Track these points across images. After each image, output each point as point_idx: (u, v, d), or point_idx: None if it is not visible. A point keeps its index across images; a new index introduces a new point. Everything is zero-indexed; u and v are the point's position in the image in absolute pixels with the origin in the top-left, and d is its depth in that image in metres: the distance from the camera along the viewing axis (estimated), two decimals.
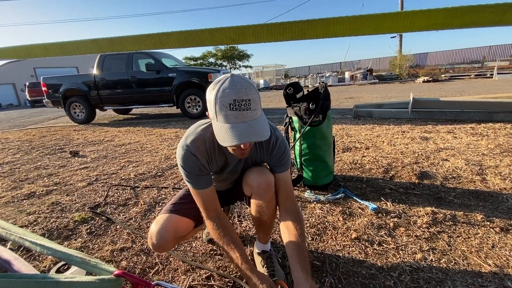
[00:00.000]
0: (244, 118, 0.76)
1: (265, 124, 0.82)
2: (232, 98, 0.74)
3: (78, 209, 1.89)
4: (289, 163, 1.04)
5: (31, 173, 2.76)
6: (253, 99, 0.77)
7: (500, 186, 1.79)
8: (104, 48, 0.46)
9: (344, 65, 23.61)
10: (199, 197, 0.98)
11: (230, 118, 0.76)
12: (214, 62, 25.47)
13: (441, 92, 8.11)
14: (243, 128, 0.76)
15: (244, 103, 0.75)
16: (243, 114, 0.76)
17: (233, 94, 0.74)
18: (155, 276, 1.19)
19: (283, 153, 1.01)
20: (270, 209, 1.04)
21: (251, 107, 0.76)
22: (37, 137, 4.89)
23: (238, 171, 1.09)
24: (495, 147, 2.53)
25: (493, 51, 19.20)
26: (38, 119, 8.73)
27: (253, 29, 0.37)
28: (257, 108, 0.79)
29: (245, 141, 0.75)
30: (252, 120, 0.78)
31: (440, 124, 3.67)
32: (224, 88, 0.75)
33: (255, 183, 1.00)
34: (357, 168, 2.29)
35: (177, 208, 1.09)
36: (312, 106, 1.82)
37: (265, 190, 1.00)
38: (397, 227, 1.42)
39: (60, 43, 0.47)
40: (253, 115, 0.78)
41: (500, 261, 1.15)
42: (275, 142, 1.01)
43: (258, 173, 1.01)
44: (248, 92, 0.76)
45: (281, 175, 1.03)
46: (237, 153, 0.89)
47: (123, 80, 5.98)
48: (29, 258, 1.37)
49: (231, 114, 0.75)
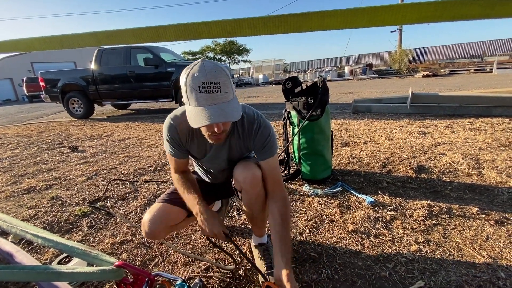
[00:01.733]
0: (214, 101, 0.78)
1: (236, 107, 0.83)
2: (201, 80, 0.76)
3: (78, 203, 1.91)
4: (274, 149, 1.02)
5: (31, 168, 2.77)
6: (222, 81, 0.78)
7: (496, 180, 1.81)
8: (103, 41, 0.46)
9: (344, 60, 23.51)
10: (173, 161, 1.07)
11: (200, 100, 0.78)
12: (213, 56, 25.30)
13: (440, 87, 8.11)
14: (213, 110, 0.77)
15: (213, 85, 0.76)
16: (212, 96, 0.77)
17: (202, 77, 0.76)
18: (155, 268, 1.21)
19: (266, 138, 1.00)
20: (259, 202, 1.05)
21: (220, 90, 0.78)
22: (36, 132, 4.88)
23: (224, 158, 1.09)
24: (492, 142, 2.55)
25: (493, 45, 19.13)
26: (36, 114, 8.70)
27: (249, 21, 0.37)
28: (227, 91, 0.80)
29: (213, 122, 0.77)
30: (223, 103, 0.79)
31: (438, 118, 3.69)
32: (193, 72, 0.77)
33: (241, 178, 1.01)
34: (355, 163, 2.31)
35: (171, 198, 1.10)
36: (310, 100, 1.82)
37: (251, 185, 1.00)
38: (394, 220, 1.45)
39: (59, 36, 0.47)
40: (223, 97, 0.79)
41: (494, 252, 1.17)
42: (257, 127, 1.00)
43: (244, 168, 1.02)
44: (217, 75, 0.77)
45: (265, 162, 1.02)
46: (213, 139, 0.91)
47: (121, 75, 5.94)
48: (30, 251, 1.38)
49: (201, 96, 0.77)
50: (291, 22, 0.36)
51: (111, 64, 6.00)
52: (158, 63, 5.75)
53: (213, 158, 1.09)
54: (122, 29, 0.44)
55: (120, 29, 0.44)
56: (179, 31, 0.41)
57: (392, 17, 0.32)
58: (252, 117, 1.01)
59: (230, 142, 1.04)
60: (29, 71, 22.48)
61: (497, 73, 12.39)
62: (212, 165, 1.14)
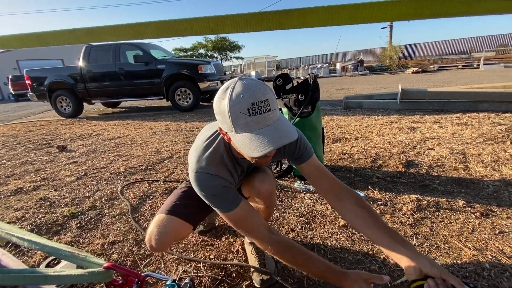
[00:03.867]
0: (267, 121, 0.68)
1: (287, 123, 0.75)
2: (250, 101, 0.65)
3: (67, 204, 1.87)
4: (309, 148, 0.93)
5: (18, 168, 2.70)
6: (270, 98, 0.68)
7: (482, 173, 1.86)
8: (82, 39, 0.45)
9: (336, 56, 23.63)
10: (238, 218, 0.84)
11: (251, 125, 0.67)
12: (204, 53, 25.05)
13: (429, 83, 8.25)
14: (270, 133, 0.68)
15: (263, 104, 0.66)
16: (264, 117, 0.67)
17: (250, 97, 0.65)
18: (147, 268, 1.21)
19: (297, 143, 0.91)
20: (269, 211, 1.07)
21: (270, 108, 0.68)
22: (23, 132, 4.75)
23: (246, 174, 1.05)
24: (479, 136, 2.61)
25: (481, 41, 19.53)
26: (23, 113, 8.47)
27: (232, 19, 0.37)
28: (276, 108, 0.71)
29: (277, 146, 0.67)
30: (276, 122, 0.70)
31: (427, 114, 3.75)
32: (237, 93, 0.66)
33: (255, 191, 0.98)
34: (346, 158, 2.33)
35: (178, 211, 1.01)
36: (301, 97, 1.83)
37: (265, 199, 1.00)
38: (383, 214, 1.47)
39: (37, 33, 0.46)
40: (274, 116, 0.70)
41: (479, 244, 1.20)
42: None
43: (260, 182, 0.98)
44: (264, 91, 0.67)
45: (306, 165, 0.92)
46: (262, 161, 0.82)
47: (111, 73, 5.83)
48: (18, 254, 1.35)
49: (251, 120, 0.67)
50: (273, 19, 0.35)
51: (100, 61, 5.87)
52: (148, 60, 5.66)
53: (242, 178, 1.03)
54: (101, 26, 0.42)
55: (99, 26, 0.42)
56: (160, 28, 0.40)
57: (373, 14, 0.32)
58: None
59: None
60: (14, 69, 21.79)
61: (484, 69, 12.67)
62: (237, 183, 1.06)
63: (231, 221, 0.85)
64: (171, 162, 2.58)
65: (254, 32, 0.51)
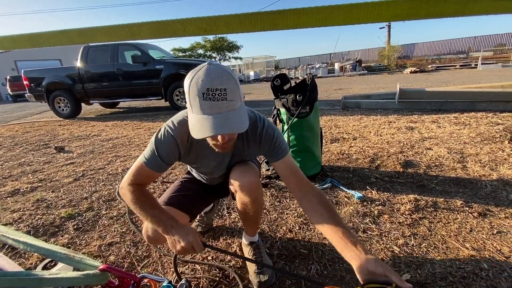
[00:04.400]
0: (219, 109, 0.71)
1: (244, 116, 0.77)
2: (206, 87, 0.69)
3: (64, 205, 1.86)
4: (284, 147, 0.96)
5: (15, 170, 2.69)
6: (229, 88, 0.71)
7: (480, 173, 1.86)
8: (74, 39, 0.44)
9: (334, 56, 23.66)
10: (140, 170, 0.92)
11: (204, 108, 0.71)
12: (203, 53, 25.03)
13: (427, 83, 8.27)
14: (217, 120, 0.71)
15: (218, 92, 0.69)
16: (218, 104, 0.70)
17: (207, 83, 0.69)
18: (144, 270, 1.20)
19: (272, 140, 0.94)
20: (256, 206, 1.03)
21: (227, 97, 0.71)
22: (20, 133, 4.73)
23: (225, 165, 1.06)
24: (476, 136, 2.62)
25: (478, 41, 19.62)
26: (21, 114, 8.43)
27: (225, 19, 0.36)
28: (234, 99, 0.73)
29: (216, 133, 0.71)
30: (229, 112, 0.72)
31: (425, 114, 3.76)
32: (198, 76, 0.70)
33: (237, 184, 0.98)
34: (344, 159, 2.33)
35: (175, 201, 1.05)
36: (299, 97, 1.82)
37: (248, 192, 0.98)
38: (381, 215, 1.47)
39: (29, 34, 0.45)
40: (230, 106, 0.72)
41: (477, 244, 1.20)
42: (261, 131, 0.94)
43: (240, 174, 0.99)
44: (224, 81, 0.70)
45: (280, 162, 0.95)
46: (218, 148, 0.85)
47: (109, 73, 5.81)
48: (14, 256, 1.34)
49: (204, 104, 0.70)
50: (266, 20, 0.35)
51: (98, 61, 5.86)
52: (147, 60, 5.65)
53: (214, 166, 1.04)
54: (94, 27, 0.42)
55: (92, 27, 0.42)
56: (154, 29, 0.39)
57: (367, 15, 0.32)
58: (254, 120, 0.94)
59: (234, 149, 0.99)
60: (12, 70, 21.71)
61: (481, 68, 12.72)
62: (211, 171, 1.09)
63: (137, 167, 0.92)
64: None
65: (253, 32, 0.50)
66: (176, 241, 0.81)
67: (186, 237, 0.80)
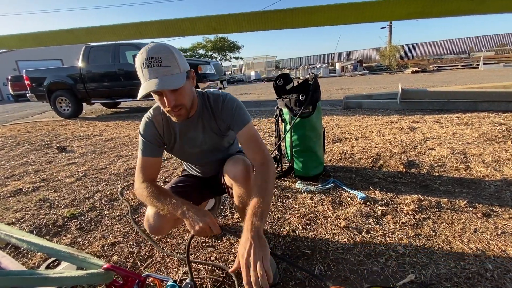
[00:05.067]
0: (157, 74, 0.82)
1: (179, 78, 0.86)
2: (144, 57, 0.83)
3: (67, 205, 1.86)
4: (244, 117, 1.02)
5: (17, 169, 2.69)
6: (164, 56, 0.83)
7: (483, 173, 1.85)
8: (81, 38, 0.44)
9: (335, 56, 23.63)
10: (142, 163, 1.04)
11: (146, 75, 0.83)
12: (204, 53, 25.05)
13: (428, 83, 8.25)
14: (154, 82, 0.82)
15: (153, 60, 0.82)
16: (154, 70, 0.82)
17: (145, 54, 0.83)
18: (147, 269, 1.20)
19: (233, 109, 1.02)
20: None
21: (162, 64, 0.82)
22: (22, 133, 4.74)
23: (201, 141, 1.09)
24: (479, 136, 2.61)
25: (480, 41, 19.55)
26: (22, 114, 8.45)
27: (235, 18, 0.36)
28: (170, 65, 0.84)
29: (149, 90, 0.81)
30: (166, 76, 0.83)
31: (427, 114, 3.75)
32: (140, 52, 0.85)
33: (232, 174, 1.02)
34: (346, 159, 2.33)
35: (175, 191, 1.09)
36: (302, 97, 1.82)
37: (243, 181, 1.00)
38: (385, 215, 1.46)
39: (35, 33, 0.45)
40: (166, 71, 0.83)
41: (481, 245, 1.20)
42: (222, 102, 1.03)
43: (233, 165, 1.03)
44: (158, 51, 0.83)
45: (241, 132, 1.01)
46: (173, 115, 0.95)
47: (110, 73, 5.82)
48: (17, 256, 1.34)
49: (145, 71, 0.83)
50: (277, 19, 0.34)
51: (99, 61, 5.86)
52: None
53: (189, 142, 1.09)
54: (101, 26, 0.41)
55: (99, 26, 0.42)
56: (162, 27, 0.39)
57: (381, 13, 0.32)
58: (216, 95, 1.05)
59: (203, 123, 1.06)
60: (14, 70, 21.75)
61: (483, 68, 12.68)
62: (194, 152, 1.13)
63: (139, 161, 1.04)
64: (171, 162, 2.57)
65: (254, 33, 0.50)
66: (194, 222, 0.86)
67: (204, 218, 0.86)
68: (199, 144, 1.11)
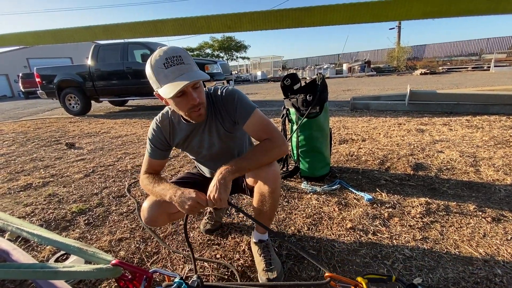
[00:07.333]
0: (181, 71, 0.84)
1: (202, 73, 0.89)
2: (164, 57, 0.84)
3: (75, 200, 1.89)
4: (248, 107, 1.01)
5: (27, 165, 2.75)
6: (183, 55, 0.86)
7: (493, 177, 1.82)
8: (99, 36, 0.45)
9: (342, 57, 23.47)
10: (148, 161, 1.11)
11: (169, 76, 0.84)
12: (211, 53, 25.15)
13: (438, 85, 8.13)
14: (183, 78, 0.83)
15: (175, 58, 0.84)
16: (178, 68, 0.84)
17: (164, 55, 0.84)
18: (153, 265, 1.21)
19: (234, 100, 1.02)
20: (272, 199, 1.04)
21: (184, 61, 0.85)
22: (32, 129, 4.83)
23: (211, 141, 1.10)
24: (490, 139, 2.56)
25: (491, 43, 19.16)
26: (32, 110, 8.62)
27: (250, 16, 0.36)
28: (190, 63, 0.87)
29: (183, 85, 0.81)
30: (190, 72, 0.86)
31: (436, 116, 3.70)
32: (155, 56, 0.86)
33: (262, 175, 1.01)
34: (353, 160, 2.31)
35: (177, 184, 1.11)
36: (309, 97, 1.82)
37: (272, 182, 1.00)
38: (392, 217, 1.45)
39: (53, 30, 0.46)
40: (189, 68, 0.86)
41: (490, 249, 1.18)
42: (222, 95, 1.04)
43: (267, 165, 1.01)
44: (176, 51, 0.85)
45: (248, 122, 1.01)
46: (194, 115, 0.95)
47: (119, 71, 5.89)
48: (27, 249, 1.37)
49: (168, 71, 0.84)
50: (293, 17, 0.35)
51: (108, 60, 5.94)
52: None
53: (207, 146, 1.11)
54: (119, 24, 0.42)
55: (116, 24, 0.42)
56: (178, 25, 0.39)
57: (397, 12, 0.32)
58: (216, 89, 1.07)
59: (208, 122, 1.07)
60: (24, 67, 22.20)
61: (494, 71, 12.43)
62: (204, 152, 1.14)
63: (145, 160, 1.12)
64: (177, 160, 2.59)
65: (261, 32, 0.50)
66: (182, 203, 0.90)
67: (190, 196, 0.90)
68: (207, 144, 1.11)
